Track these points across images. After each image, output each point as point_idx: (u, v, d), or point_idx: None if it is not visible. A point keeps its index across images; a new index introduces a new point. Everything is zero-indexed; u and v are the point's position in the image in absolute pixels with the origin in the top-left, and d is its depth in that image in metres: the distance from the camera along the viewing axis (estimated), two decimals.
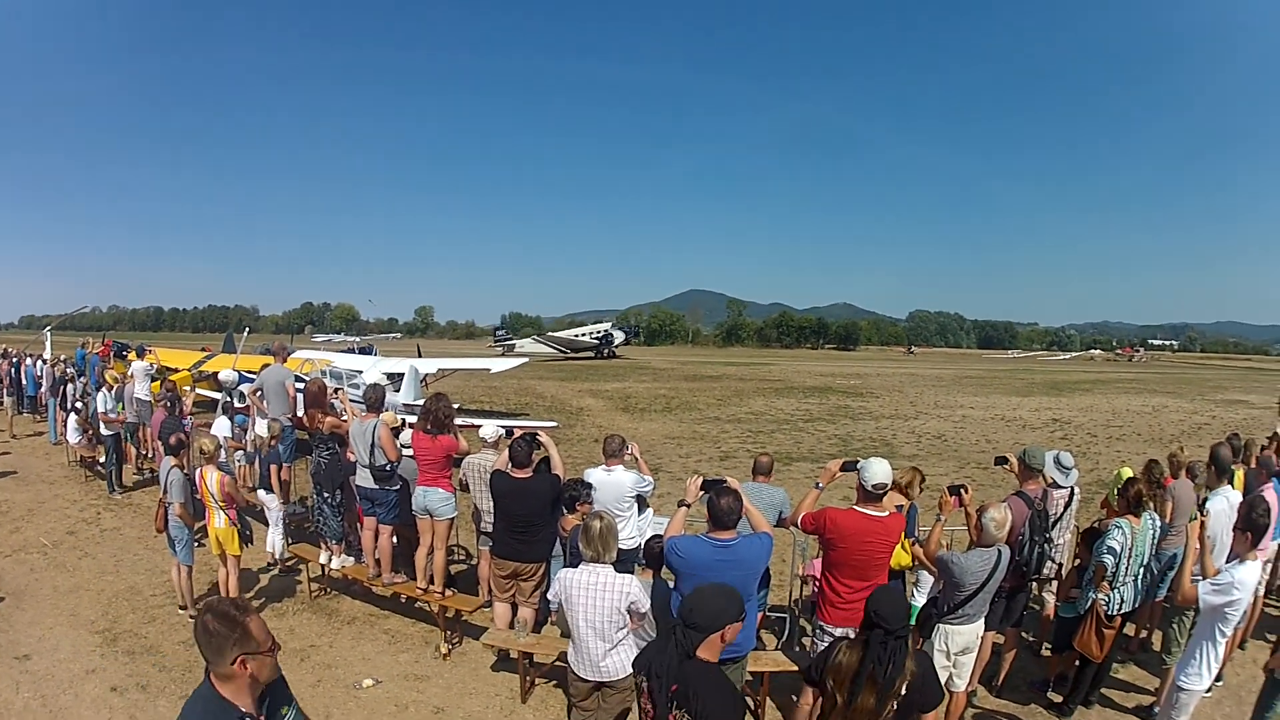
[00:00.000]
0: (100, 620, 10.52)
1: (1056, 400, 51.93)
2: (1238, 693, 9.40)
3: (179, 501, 10.39)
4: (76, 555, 13.10)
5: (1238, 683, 9.67)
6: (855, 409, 42.21)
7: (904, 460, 24.64)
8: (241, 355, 22.73)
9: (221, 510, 10.37)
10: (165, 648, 9.81)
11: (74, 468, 19.19)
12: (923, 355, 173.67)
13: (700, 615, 4.53)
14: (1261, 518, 6.96)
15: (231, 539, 10.46)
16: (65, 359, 25.37)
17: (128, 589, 11.66)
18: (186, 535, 10.56)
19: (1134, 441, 31.44)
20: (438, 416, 9.82)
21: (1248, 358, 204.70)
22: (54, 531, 14.33)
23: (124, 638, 10.03)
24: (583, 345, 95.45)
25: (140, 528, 14.25)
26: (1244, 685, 9.46)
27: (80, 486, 17.79)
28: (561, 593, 6.76)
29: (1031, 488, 8.54)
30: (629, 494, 9.19)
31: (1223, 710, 9.11)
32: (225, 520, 10.39)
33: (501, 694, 9.02)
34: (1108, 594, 8.29)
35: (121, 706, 8.42)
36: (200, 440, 10.92)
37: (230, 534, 10.44)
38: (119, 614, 10.74)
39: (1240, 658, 10.28)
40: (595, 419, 34.47)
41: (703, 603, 4.60)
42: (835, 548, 6.98)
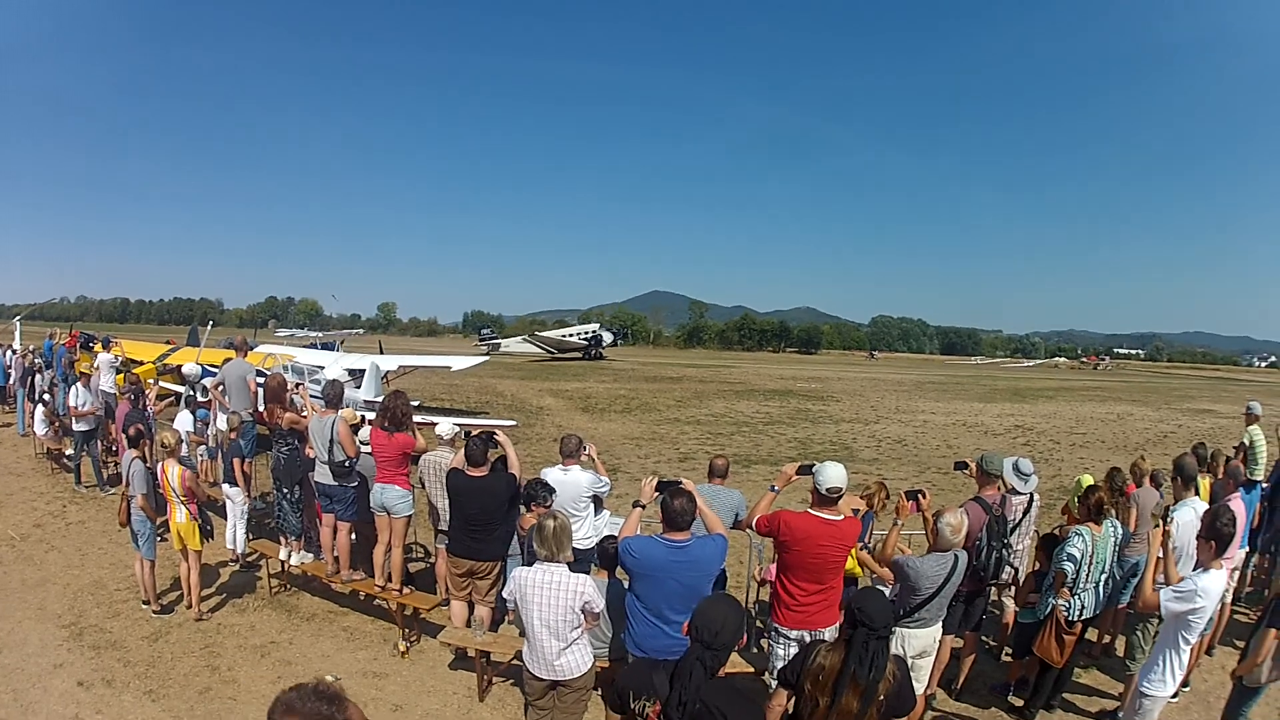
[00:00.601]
0: (66, 614, 10.53)
1: (1019, 407, 52.27)
2: (1206, 699, 9.49)
3: (141, 493, 10.35)
4: (43, 549, 13.07)
5: (1206, 689, 9.76)
6: (815, 412, 42.50)
7: (863, 464, 25.05)
8: (205, 349, 22.63)
9: (183, 505, 10.36)
10: (129, 643, 9.85)
11: (41, 460, 19.07)
12: (885, 360, 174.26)
13: (727, 635, 4.50)
14: (1225, 527, 6.93)
15: (193, 534, 10.46)
16: (34, 349, 25.11)
17: (93, 583, 11.65)
18: (149, 529, 10.51)
19: (1097, 449, 31.71)
20: (395, 413, 9.85)
21: (1216, 367, 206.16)
22: (21, 525, 14.27)
23: (89, 632, 10.05)
24: (571, 346, 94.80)
25: (105, 521, 14.21)
26: (1212, 691, 9.56)
27: (47, 479, 17.68)
28: (516, 591, 6.74)
29: (989, 493, 8.59)
30: (585, 494, 9.23)
31: (1190, 716, 9.21)
32: (186, 515, 10.39)
33: (459, 692, 9.06)
34: (1068, 600, 8.35)
35: (88, 701, 8.46)
36: (161, 434, 10.95)
37: (191, 528, 10.44)
38: (84, 608, 10.75)
39: (1208, 664, 10.38)
40: (555, 418, 34.61)
41: (725, 623, 4.52)
42: (789, 550, 6.98)
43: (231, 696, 8.73)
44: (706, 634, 4.45)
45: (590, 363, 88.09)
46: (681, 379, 67.40)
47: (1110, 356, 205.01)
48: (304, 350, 28.94)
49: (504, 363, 75.78)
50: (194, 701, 8.58)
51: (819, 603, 7.04)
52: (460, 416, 24.11)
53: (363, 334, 78.65)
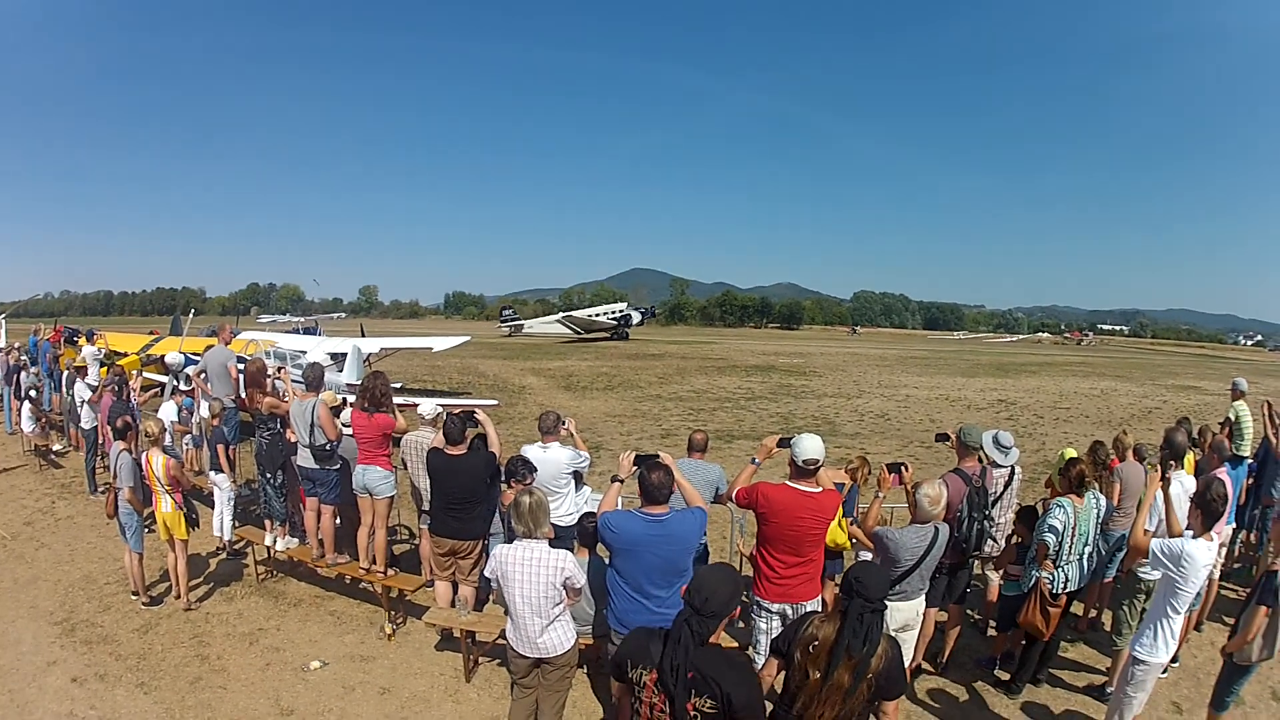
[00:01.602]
0: (58, 611, 10.56)
1: (1002, 381, 52.22)
2: (1195, 674, 9.53)
3: (128, 486, 10.35)
4: (34, 546, 13.06)
5: (1195, 665, 9.80)
6: (798, 387, 42.56)
7: (845, 439, 25.18)
8: (187, 337, 22.79)
9: (168, 494, 10.36)
10: (120, 636, 9.88)
11: (29, 456, 18.90)
12: (867, 335, 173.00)
13: (716, 603, 4.49)
14: (1215, 500, 6.95)
15: (178, 523, 10.43)
16: (19, 346, 24.73)
17: (83, 578, 11.67)
18: (136, 521, 10.54)
19: (1081, 423, 31.79)
20: (374, 394, 9.87)
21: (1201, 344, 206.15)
22: (11, 523, 14.24)
23: (81, 628, 10.08)
24: (601, 326, 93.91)
25: (93, 515, 14.21)
26: (1201, 667, 9.63)
27: (35, 476, 17.62)
28: (498, 569, 6.76)
29: (969, 465, 8.61)
30: (565, 471, 9.22)
31: (1180, 691, 9.21)
32: (172, 504, 10.38)
33: (446, 673, 9.08)
34: (1051, 572, 8.38)
35: (82, 697, 8.50)
36: (145, 423, 10.95)
37: (177, 518, 10.42)
38: (75, 604, 10.78)
39: (1197, 640, 10.44)
40: (537, 397, 34.64)
41: (715, 590, 4.53)
42: (768, 523, 7.02)
43: (222, 685, 8.78)
44: (697, 599, 4.48)
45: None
46: (663, 356, 67.26)
47: (1094, 332, 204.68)
48: (286, 335, 29.00)
49: (485, 342, 75.39)
50: (185, 692, 8.62)
51: (799, 575, 7.08)
52: (442, 397, 24.15)
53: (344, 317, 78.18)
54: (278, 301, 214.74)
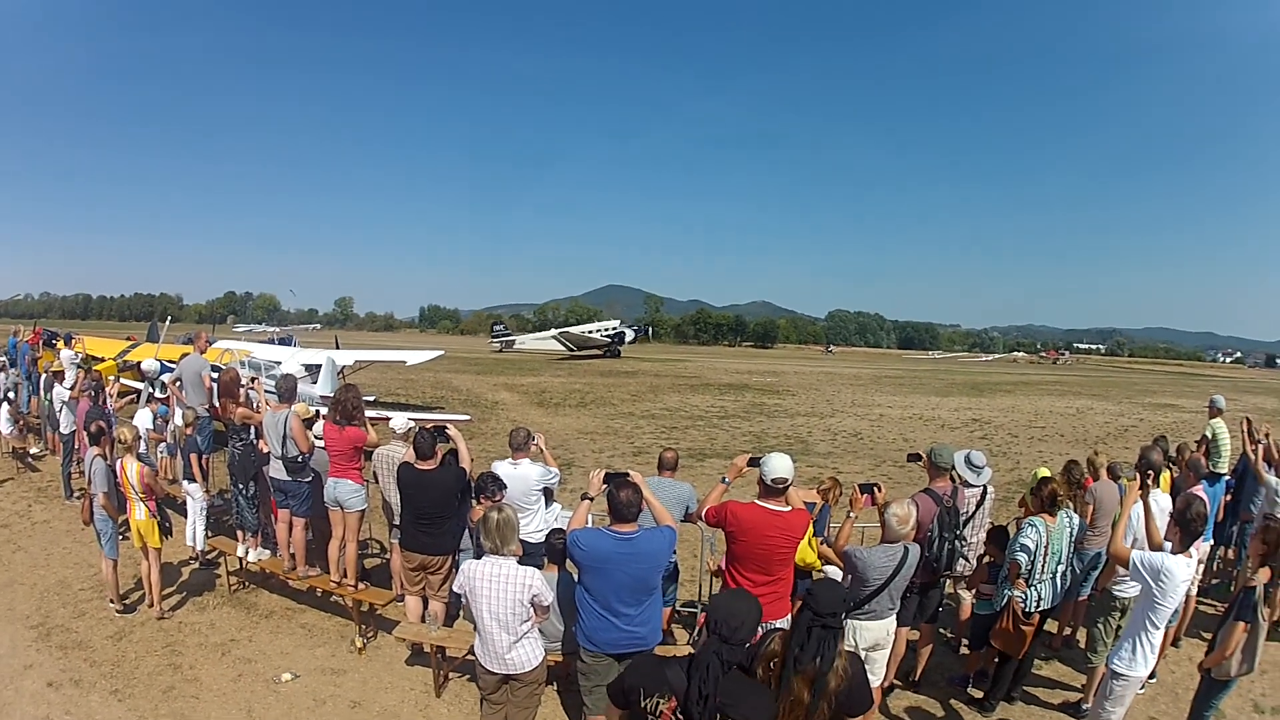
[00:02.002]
0: (34, 615, 10.55)
1: (977, 401, 52.57)
2: (1173, 690, 9.59)
3: (102, 491, 10.36)
4: (10, 549, 13.03)
5: (1173, 680, 9.85)
6: (771, 406, 42.63)
7: (818, 458, 25.26)
8: (164, 344, 22.82)
9: (142, 502, 10.31)
10: (95, 642, 9.88)
11: (6, 459, 18.81)
12: (841, 354, 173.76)
13: (745, 631, 4.50)
14: (1195, 520, 7.02)
15: (152, 531, 10.41)
16: None
17: (58, 583, 11.64)
18: (111, 528, 10.52)
19: (1056, 442, 31.99)
20: (346, 407, 9.88)
21: (1179, 362, 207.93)
22: None
23: (56, 632, 10.08)
24: (596, 343, 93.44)
25: (69, 520, 14.13)
26: (1180, 683, 9.67)
27: (12, 479, 17.49)
28: (466, 584, 6.75)
29: (940, 485, 8.60)
30: (535, 487, 9.23)
31: (1158, 707, 9.27)
32: (146, 512, 10.34)
33: (416, 688, 9.07)
34: (1024, 592, 8.40)
35: (58, 701, 8.50)
36: (119, 430, 10.86)
37: (151, 526, 10.39)
38: (51, 609, 10.76)
39: (1175, 656, 10.49)
40: (510, 413, 34.57)
41: (744, 619, 4.52)
42: (737, 541, 7.02)
43: (194, 695, 8.77)
44: (725, 629, 4.43)
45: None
46: (636, 373, 67.32)
47: (1070, 351, 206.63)
48: (261, 345, 28.75)
49: (460, 357, 75.14)
50: (158, 700, 8.62)
51: (769, 594, 6.98)
52: (415, 411, 24.43)
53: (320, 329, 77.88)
54: (254, 311, 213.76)
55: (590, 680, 7.06)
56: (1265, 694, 9.69)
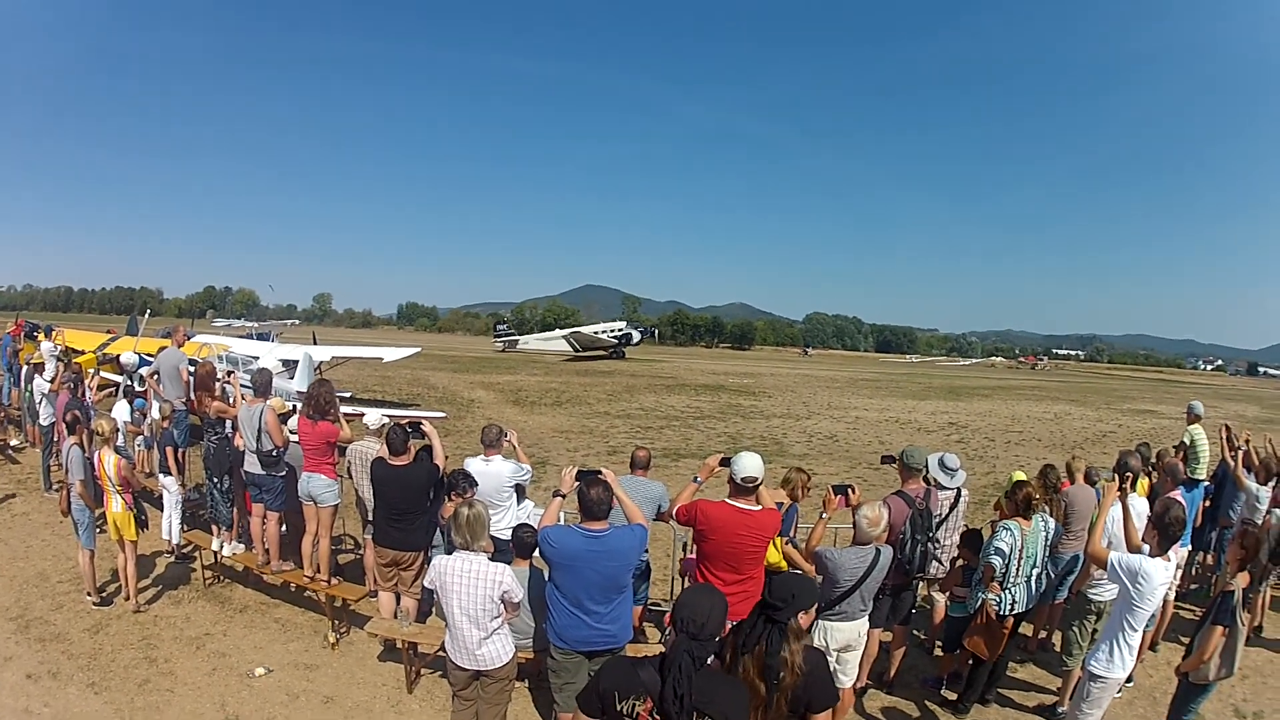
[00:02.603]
0: (13, 607, 10.53)
1: (954, 405, 52.72)
2: (1151, 694, 9.63)
3: (79, 479, 10.30)
4: None
5: (1151, 684, 9.90)
6: (746, 408, 42.68)
7: (794, 459, 25.00)
8: (142, 338, 22.59)
9: (118, 494, 10.32)
10: (72, 635, 9.87)
11: None
12: (818, 357, 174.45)
13: (712, 626, 4.46)
14: (1173, 524, 7.00)
15: (129, 524, 10.39)
16: None
17: (37, 575, 11.61)
18: (88, 518, 10.46)
19: (1033, 447, 32.08)
20: (319, 402, 9.86)
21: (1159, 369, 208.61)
22: None
23: (35, 625, 10.06)
24: (603, 344, 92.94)
25: (48, 513, 14.04)
26: (1158, 686, 9.72)
27: None
28: (436, 579, 6.78)
29: (912, 487, 8.64)
30: (507, 484, 9.27)
31: (1136, 711, 9.31)
32: (122, 505, 10.34)
33: (388, 684, 9.08)
34: (998, 594, 8.41)
35: (37, 694, 8.50)
36: (98, 422, 10.92)
37: (127, 519, 10.38)
38: (30, 601, 10.74)
39: (1153, 660, 10.54)
40: (485, 411, 34.60)
41: (710, 613, 4.46)
42: (707, 539, 7.04)
43: (169, 689, 8.78)
44: (692, 625, 4.40)
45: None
46: (612, 373, 67.31)
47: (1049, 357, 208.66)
48: (240, 340, 28.74)
49: (437, 355, 74.66)
50: (134, 694, 8.63)
51: (739, 593, 6.94)
52: (390, 408, 24.25)
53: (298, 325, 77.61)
54: (233, 306, 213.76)
55: (561, 678, 7.09)
56: (1246, 699, 9.75)
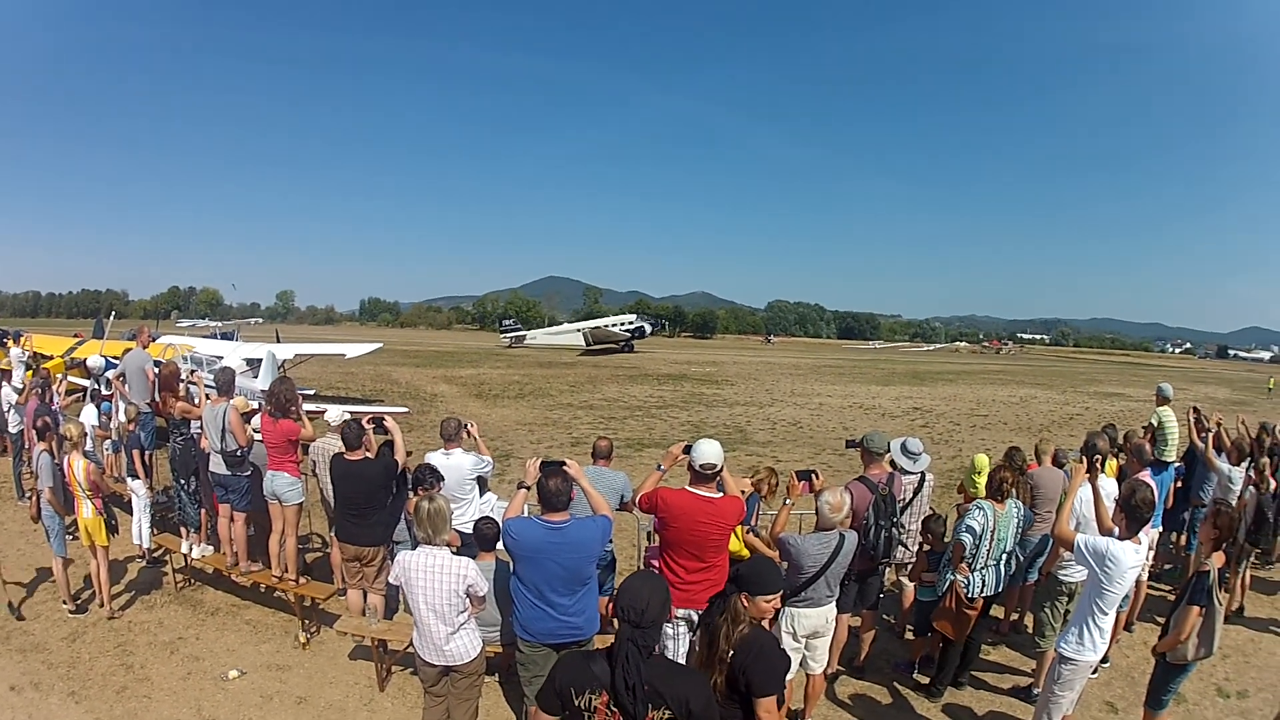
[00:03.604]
0: None
1: (918, 389, 53.17)
2: (1129, 674, 9.69)
3: (48, 486, 10.29)
4: None
5: (1128, 665, 9.97)
6: (709, 396, 43.00)
7: (757, 447, 25.63)
8: (108, 340, 22.36)
9: (89, 499, 10.26)
10: (51, 644, 9.85)
11: None
12: (781, 345, 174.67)
13: (653, 612, 4.43)
14: (1140, 505, 6.93)
15: (99, 529, 10.35)
16: None
17: (12, 584, 11.30)
18: (58, 525, 10.45)
19: (999, 430, 32.39)
20: (280, 400, 9.86)
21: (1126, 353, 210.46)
22: None
23: (15, 635, 10.03)
24: (617, 338, 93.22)
25: (21, 521, 13.87)
26: (1135, 667, 9.79)
27: None
28: (401, 575, 6.80)
29: (875, 472, 8.65)
30: (469, 477, 9.28)
31: (1113, 691, 9.35)
32: (93, 510, 10.29)
33: (360, 682, 9.09)
34: (967, 576, 8.48)
35: (20, 705, 8.50)
36: (66, 427, 10.83)
37: (98, 524, 10.34)
38: (6, 611, 10.61)
39: (1129, 640, 10.62)
40: (448, 405, 34.80)
41: (649, 600, 4.44)
42: (669, 527, 7.08)
43: (146, 695, 8.80)
44: (633, 613, 4.38)
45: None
46: (575, 364, 67.84)
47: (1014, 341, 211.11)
48: (204, 340, 28.70)
49: (399, 350, 74.79)
50: (113, 701, 8.64)
51: (703, 581, 7.08)
52: (353, 404, 24.40)
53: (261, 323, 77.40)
54: (197, 306, 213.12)
55: (530, 671, 7.09)
56: (1229, 678, 9.83)
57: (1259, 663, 10.44)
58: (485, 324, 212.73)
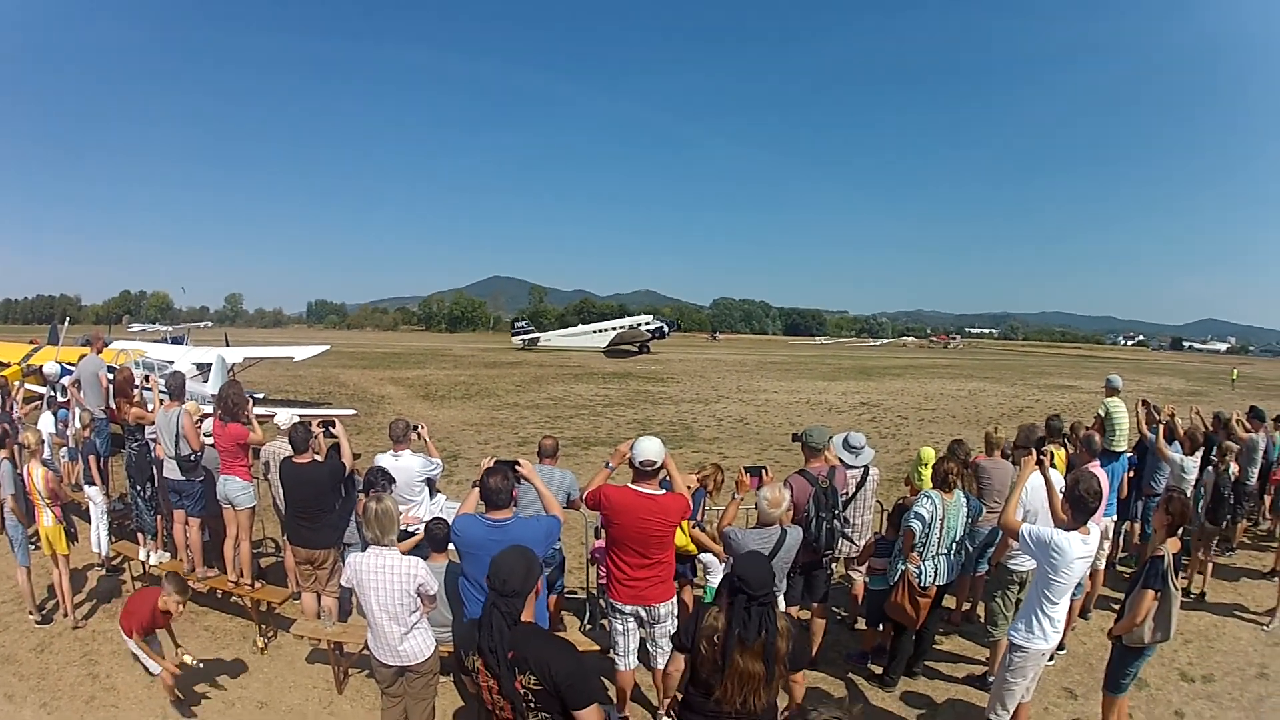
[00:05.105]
0: None
1: (865, 384, 53.94)
2: (1086, 660, 9.86)
3: (9, 494, 10.25)
4: None
5: (1085, 651, 10.13)
6: (655, 394, 43.43)
7: (704, 444, 25.89)
8: (63, 346, 22.30)
9: (48, 508, 10.27)
10: (20, 655, 9.85)
11: None
12: (727, 341, 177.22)
13: (515, 582, 4.67)
14: (1086, 495, 7.02)
15: (60, 537, 10.35)
16: None
17: None
18: (20, 534, 10.39)
19: (947, 423, 32.89)
20: (228, 403, 9.89)
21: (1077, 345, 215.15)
22: None
23: None
24: (640, 338, 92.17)
25: None
26: (1093, 653, 9.95)
27: None
28: (353, 577, 6.84)
29: (815, 466, 8.71)
30: (418, 478, 9.36)
31: (1071, 677, 9.52)
32: (53, 518, 10.29)
33: (319, 685, 9.14)
34: (918, 565, 8.60)
35: None
36: (24, 435, 10.80)
37: (58, 532, 10.34)
38: None
39: (1085, 628, 10.81)
40: (396, 406, 35.02)
41: (511, 570, 4.71)
42: (613, 524, 7.19)
43: (114, 704, 8.84)
44: (496, 581, 4.66)
45: (423, 349, 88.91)
46: (520, 364, 68.32)
47: (962, 336, 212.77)
48: (156, 345, 28.61)
49: (346, 352, 74.55)
50: (83, 711, 8.68)
51: (649, 578, 7.26)
52: (303, 407, 24.59)
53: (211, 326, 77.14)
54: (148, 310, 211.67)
55: None
56: (1191, 663, 10.02)
57: (1224, 647, 10.62)
58: (431, 325, 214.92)
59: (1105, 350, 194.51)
